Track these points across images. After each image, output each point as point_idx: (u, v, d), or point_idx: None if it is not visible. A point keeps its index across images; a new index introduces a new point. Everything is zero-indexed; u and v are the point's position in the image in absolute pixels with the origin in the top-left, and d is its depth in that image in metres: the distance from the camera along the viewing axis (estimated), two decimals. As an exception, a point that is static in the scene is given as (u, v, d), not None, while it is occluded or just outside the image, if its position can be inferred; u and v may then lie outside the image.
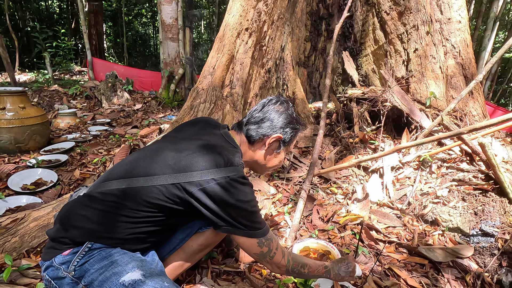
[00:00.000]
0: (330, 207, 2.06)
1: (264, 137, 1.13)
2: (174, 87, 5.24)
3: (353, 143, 2.51)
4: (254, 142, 1.14)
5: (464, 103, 2.45)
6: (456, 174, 1.96)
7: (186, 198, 0.93)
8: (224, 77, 2.16)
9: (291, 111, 1.17)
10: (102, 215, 0.94)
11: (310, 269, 1.14)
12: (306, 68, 3.35)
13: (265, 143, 1.14)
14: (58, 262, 0.91)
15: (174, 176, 0.92)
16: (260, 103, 1.18)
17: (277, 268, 1.07)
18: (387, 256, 1.64)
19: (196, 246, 1.21)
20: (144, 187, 0.93)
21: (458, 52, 2.46)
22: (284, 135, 1.13)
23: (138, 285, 0.84)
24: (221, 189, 0.91)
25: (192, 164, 0.93)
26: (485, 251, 1.58)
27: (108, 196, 0.94)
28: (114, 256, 0.92)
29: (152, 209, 0.94)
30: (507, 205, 1.69)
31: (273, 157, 1.20)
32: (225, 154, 0.98)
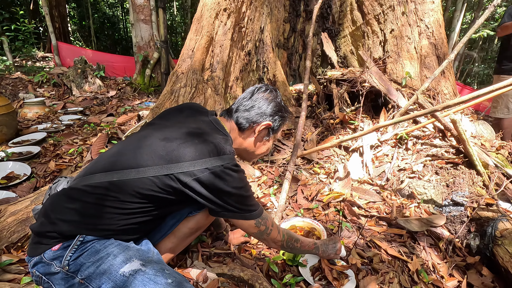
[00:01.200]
0: (313, 186, 2.13)
1: (254, 125, 1.14)
2: (150, 72, 5.03)
3: (333, 124, 2.57)
4: (244, 130, 1.16)
5: (437, 82, 2.56)
6: (430, 150, 2.08)
7: (180, 188, 0.93)
8: (204, 60, 2.10)
9: (280, 100, 1.19)
10: (92, 208, 0.92)
11: (302, 244, 1.23)
12: (286, 50, 3.33)
13: (254, 131, 1.16)
14: (48, 258, 0.88)
15: (166, 167, 0.92)
16: (248, 91, 1.19)
17: (273, 243, 1.16)
18: (369, 229, 1.73)
19: (186, 230, 1.23)
20: (136, 179, 0.91)
21: (432, 33, 2.54)
22: (273, 122, 1.16)
23: (139, 274, 0.84)
24: (215, 178, 0.92)
25: (184, 153, 0.93)
26: (456, 219, 1.71)
27: (97, 189, 0.92)
28: (109, 248, 0.90)
29: (145, 200, 0.94)
30: (475, 177, 1.82)
31: (262, 144, 1.22)
32: (217, 143, 0.98)
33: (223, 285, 1.26)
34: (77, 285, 0.86)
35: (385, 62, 2.65)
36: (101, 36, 15.63)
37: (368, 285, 1.32)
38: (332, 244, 1.36)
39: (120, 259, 0.88)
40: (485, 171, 1.81)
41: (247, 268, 1.34)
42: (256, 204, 1.06)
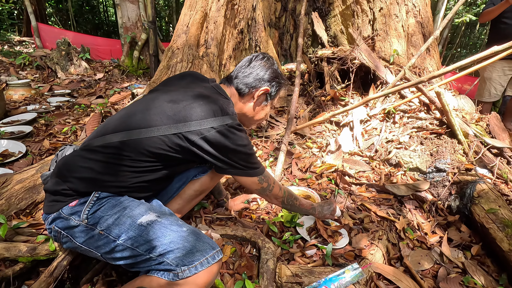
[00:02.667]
0: (307, 159, 2.23)
1: (253, 90, 1.18)
2: (138, 54, 4.93)
3: (325, 101, 2.66)
4: (244, 95, 1.20)
5: (422, 59, 2.67)
6: (416, 122, 2.21)
7: (188, 146, 0.98)
8: (199, 35, 2.11)
9: (276, 67, 1.23)
10: (106, 166, 0.97)
11: (300, 203, 1.33)
12: (277, 29, 3.35)
13: (253, 96, 1.20)
14: (67, 213, 0.94)
15: (175, 126, 0.97)
16: (246, 59, 1.23)
17: (275, 199, 1.25)
18: (359, 195, 1.85)
19: (192, 192, 1.31)
20: (147, 138, 0.96)
21: (418, 11, 2.63)
22: (271, 88, 1.20)
23: (156, 224, 0.91)
24: (221, 136, 0.98)
25: (191, 114, 0.98)
26: (439, 184, 1.86)
27: (109, 149, 0.97)
28: (124, 203, 0.97)
29: (155, 159, 0.99)
30: (457, 145, 1.96)
31: (261, 109, 1.26)
32: (220, 104, 1.03)
33: (227, 244, 1.35)
34: (96, 236, 0.92)
35: (374, 40, 2.73)
36: (80, 20, 14.93)
37: (360, 241, 1.44)
38: (328, 205, 1.45)
39: (137, 211, 0.94)
40: (465, 140, 1.95)
41: (249, 228, 1.44)
42: (258, 162, 1.13)
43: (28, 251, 1.05)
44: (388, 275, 1.25)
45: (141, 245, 0.89)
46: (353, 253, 1.36)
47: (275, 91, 1.23)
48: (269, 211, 1.67)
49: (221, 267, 1.22)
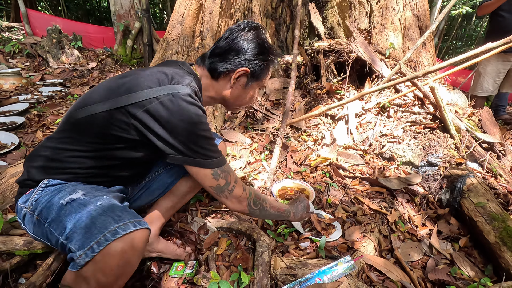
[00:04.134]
0: (302, 152, 2.25)
1: (230, 72, 0.98)
2: (132, 43, 4.84)
3: (320, 94, 2.66)
4: (218, 77, 1.01)
5: (418, 53, 2.68)
6: (410, 117, 2.23)
7: (132, 123, 0.84)
8: (194, 26, 2.08)
9: (262, 39, 1.00)
10: (54, 152, 0.90)
11: (271, 205, 1.12)
12: (274, 20, 3.31)
13: (230, 79, 1.00)
14: (21, 202, 0.90)
15: (115, 100, 0.84)
16: (228, 29, 1.00)
17: (237, 204, 1.00)
18: (353, 188, 1.89)
19: (185, 189, 1.28)
20: (87, 117, 0.86)
21: (416, 4, 2.62)
22: (252, 68, 0.99)
23: (75, 202, 0.81)
24: (163, 108, 0.81)
25: (135, 85, 0.85)
26: (430, 177, 1.90)
27: (60, 133, 0.91)
28: (68, 187, 0.88)
29: (100, 140, 0.88)
30: (449, 140, 2.00)
31: (242, 93, 1.06)
32: (171, 73, 0.89)
33: (223, 236, 1.38)
34: (36, 222, 0.85)
35: (371, 33, 2.72)
36: (71, 5, 14.49)
37: (353, 234, 1.48)
38: (301, 203, 1.30)
39: (67, 192, 0.85)
40: (457, 134, 1.99)
41: (244, 221, 1.46)
42: (215, 151, 0.91)
43: (25, 245, 1.05)
44: (379, 266, 1.29)
45: (58, 227, 0.78)
46: (346, 245, 1.40)
47: (258, 70, 1.00)
48: (264, 204, 1.69)
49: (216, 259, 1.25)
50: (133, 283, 1.16)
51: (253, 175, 1.96)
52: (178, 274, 1.18)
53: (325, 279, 1.09)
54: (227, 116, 2.57)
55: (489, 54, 1.66)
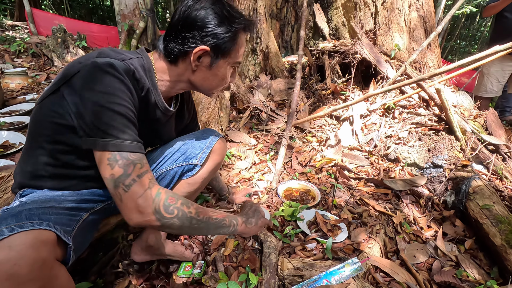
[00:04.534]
0: (307, 153, 2.26)
1: (186, 53, 0.84)
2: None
3: (325, 95, 2.67)
4: (176, 60, 0.87)
5: (423, 54, 2.67)
6: (415, 118, 2.24)
7: (63, 103, 0.75)
8: (201, 28, 2.09)
9: (220, 6, 0.83)
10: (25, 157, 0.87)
11: (199, 210, 0.79)
12: (279, 21, 3.32)
13: (190, 60, 0.85)
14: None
15: (55, 84, 0.77)
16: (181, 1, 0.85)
17: (135, 211, 0.70)
18: (358, 190, 1.89)
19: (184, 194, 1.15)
20: (35, 110, 0.82)
21: (421, 5, 2.61)
22: (213, 44, 0.82)
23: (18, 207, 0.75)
24: (79, 75, 0.72)
25: (70, 66, 0.77)
26: (435, 179, 1.90)
27: (27, 136, 0.87)
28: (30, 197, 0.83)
29: (50, 131, 0.80)
30: (454, 141, 2.00)
31: (210, 76, 0.90)
32: (105, 50, 0.79)
33: (230, 237, 1.39)
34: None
35: (376, 34, 2.72)
36: (74, 4, 14.55)
37: (359, 235, 1.49)
38: (251, 208, 1.03)
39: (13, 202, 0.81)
40: (463, 136, 1.99)
41: (251, 222, 1.47)
42: (122, 131, 0.72)
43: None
44: (385, 268, 1.30)
45: None
46: (352, 246, 1.41)
47: (223, 44, 0.83)
48: (270, 205, 1.71)
49: (224, 260, 1.26)
50: (142, 282, 1.18)
51: (258, 175, 1.97)
52: (186, 274, 1.20)
53: (333, 280, 1.10)
54: (232, 117, 2.58)
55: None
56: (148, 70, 0.88)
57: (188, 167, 1.12)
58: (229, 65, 0.91)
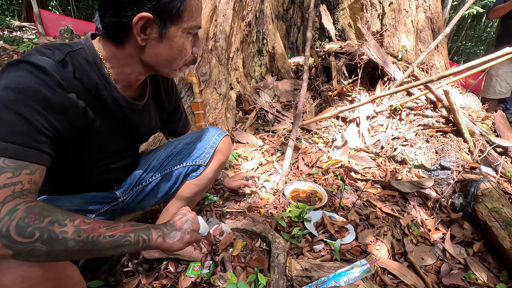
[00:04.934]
0: (313, 154, 2.26)
1: (126, 25, 0.69)
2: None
3: (331, 96, 2.66)
4: (120, 39, 0.73)
5: (430, 55, 2.66)
6: (422, 120, 2.23)
7: None
8: (208, 29, 2.10)
9: None
10: None
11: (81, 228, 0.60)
12: (285, 22, 3.32)
13: (134, 35, 0.71)
14: None
15: None
16: None
17: None
18: (365, 191, 1.89)
19: (189, 195, 1.18)
20: None
21: (428, 6, 2.60)
22: (154, 7, 0.68)
23: None
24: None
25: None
26: (443, 181, 1.89)
27: None
28: None
29: None
30: (462, 143, 1.99)
31: (164, 49, 0.76)
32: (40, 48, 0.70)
33: (238, 238, 1.40)
34: None
35: (383, 35, 2.72)
36: (80, 4, 14.70)
37: (366, 237, 1.49)
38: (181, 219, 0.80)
39: None
40: (471, 138, 1.98)
41: (259, 223, 1.48)
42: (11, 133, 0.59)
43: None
44: (393, 270, 1.30)
45: None
46: (360, 248, 1.41)
47: (169, 6, 0.69)
48: (276, 206, 1.71)
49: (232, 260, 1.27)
50: (151, 281, 1.19)
51: (265, 176, 1.98)
52: (195, 274, 1.21)
53: (341, 282, 1.10)
54: (238, 118, 2.59)
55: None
56: (93, 63, 0.75)
57: (193, 168, 1.11)
58: (185, 31, 0.75)
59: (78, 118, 0.73)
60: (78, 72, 0.73)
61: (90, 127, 0.79)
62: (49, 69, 0.65)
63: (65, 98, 0.69)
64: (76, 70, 0.72)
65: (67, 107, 0.69)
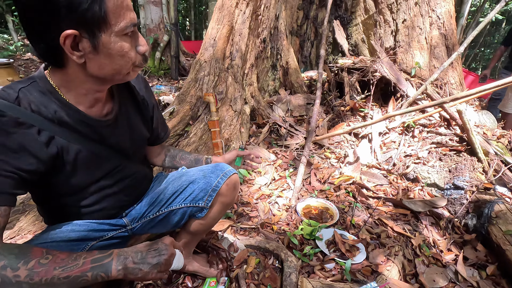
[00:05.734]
0: (325, 170, 2.30)
1: (57, 48, 0.67)
2: (160, 55, 5.08)
3: (344, 111, 2.70)
4: (57, 62, 0.72)
5: (445, 72, 2.66)
6: (435, 138, 2.23)
7: None
8: (225, 48, 2.20)
9: None
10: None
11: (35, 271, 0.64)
12: (299, 37, 3.40)
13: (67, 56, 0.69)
14: None
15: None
16: None
17: None
18: (377, 209, 1.91)
19: (196, 231, 1.17)
20: None
21: (443, 23, 2.62)
22: (72, 22, 0.64)
23: None
24: None
25: None
26: (456, 201, 1.89)
27: None
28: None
29: None
30: (476, 163, 1.98)
31: (103, 59, 0.72)
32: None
33: (252, 255, 1.46)
34: None
35: (396, 52, 2.74)
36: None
37: (377, 257, 1.51)
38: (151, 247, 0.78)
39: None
40: (485, 158, 1.97)
41: (271, 240, 1.53)
42: None
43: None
44: (404, 292, 1.32)
45: None
46: (370, 268, 1.44)
47: (86, 12, 0.64)
48: (289, 223, 1.76)
49: (246, 277, 1.32)
50: (170, 295, 1.27)
51: (278, 192, 2.03)
52: (211, 289, 1.27)
53: (352, 303, 1.14)
54: (252, 131, 2.67)
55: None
56: (48, 92, 0.76)
57: (197, 209, 1.10)
58: (118, 34, 0.70)
59: (42, 150, 0.74)
60: (33, 105, 0.73)
61: (64, 153, 0.79)
62: (4, 110, 0.67)
63: (21, 136, 0.70)
64: (31, 104, 0.73)
65: (25, 144, 0.71)
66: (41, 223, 1.39)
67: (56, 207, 0.91)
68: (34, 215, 1.39)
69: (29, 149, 0.71)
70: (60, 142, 0.78)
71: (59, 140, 0.77)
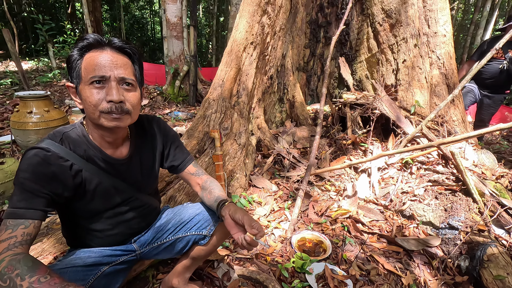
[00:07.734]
0: (324, 202, 2.39)
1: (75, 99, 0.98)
2: (179, 84, 5.47)
3: (346, 144, 2.82)
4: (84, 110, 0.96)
5: (446, 108, 2.73)
6: (432, 176, 2.28)
7: None
8: (232, 88, 2.42)
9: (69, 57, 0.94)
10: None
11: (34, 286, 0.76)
12: (305, 72, 3.60)
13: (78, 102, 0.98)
14: None
15: None
16: None
17: None
18: (370, 245, 1.98)
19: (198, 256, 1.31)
20: None
21: (443, 63, 2.72)
22: (72, 76, 0.95)
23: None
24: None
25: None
26: (450, 241, 1.92)
27: None
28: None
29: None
30: (471, 204, 2.01)
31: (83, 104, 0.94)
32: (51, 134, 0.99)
33: (243, 285, 1.57)
34: None
35: (397, 89, 2.86)
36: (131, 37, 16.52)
37: (364, 294, 1.58)
38: None
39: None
40: (480, 199, 2.00)
41: (263, 272, 1.64)
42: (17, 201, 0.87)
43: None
44: (385, 331, 1.38)
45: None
46: (356, 305, 1.50)
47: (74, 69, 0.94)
48: (282, 254, 1.87)
49: (236, 306, 1.43)
50: (166, 319, 1.40)
51: (275, 223, 2.15)
52: (202, 316, 1.39)
53: None
54: (257, 161, 2.83)
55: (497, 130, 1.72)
56: (82, 135, 1.00)
57: (200, 237, 1.25)
58: (86, 84, 0.91)
59: (70, 179, 0.96)
60: (71, 145, 0.98)
61: (87, 184, 1.00)
62: (51, 148, 0.92)
63: (57, 168, 0.92)
64: (70, 144, 0.97)
65: (57, 174, 0.92)
66: (60, 245, 1.59)
67: (75, 228, 1.10)
68: (55, 238, 1.60)
69: (60, 178, 0.93)
70: (85, 175, 0.99)
71: (85, 173, 0.99)
